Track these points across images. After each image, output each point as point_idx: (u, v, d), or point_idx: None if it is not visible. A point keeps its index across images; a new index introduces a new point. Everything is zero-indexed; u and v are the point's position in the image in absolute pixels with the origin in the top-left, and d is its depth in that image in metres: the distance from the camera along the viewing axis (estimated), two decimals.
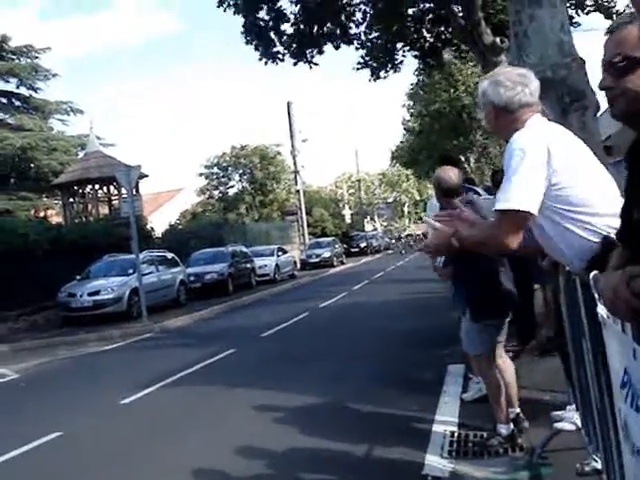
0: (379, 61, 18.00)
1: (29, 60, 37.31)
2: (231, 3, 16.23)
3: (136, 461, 6.01)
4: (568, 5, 13.83)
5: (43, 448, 6.67)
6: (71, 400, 9.10)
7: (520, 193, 2.89)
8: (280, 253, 33.22)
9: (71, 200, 30.52)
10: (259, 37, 16.91)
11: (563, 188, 2.91)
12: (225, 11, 16.33)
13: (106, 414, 7.94)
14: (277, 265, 31.67)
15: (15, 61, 36.83)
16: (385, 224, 77.16)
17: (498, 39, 13.98)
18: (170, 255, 23.29)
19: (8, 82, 36.55)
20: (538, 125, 3.13)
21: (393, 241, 63.80)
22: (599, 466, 3.59)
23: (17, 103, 37.58)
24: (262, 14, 16.68)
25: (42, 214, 36.56)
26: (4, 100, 37.30)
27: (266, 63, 17.37)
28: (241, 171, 53.63)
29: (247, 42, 16.99)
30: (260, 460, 5.53)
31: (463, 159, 37.87)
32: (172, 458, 5.93)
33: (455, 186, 5.19)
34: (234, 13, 16.35)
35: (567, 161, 2.93)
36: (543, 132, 3.04)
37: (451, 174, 5.24)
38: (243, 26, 16.71)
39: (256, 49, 17.11)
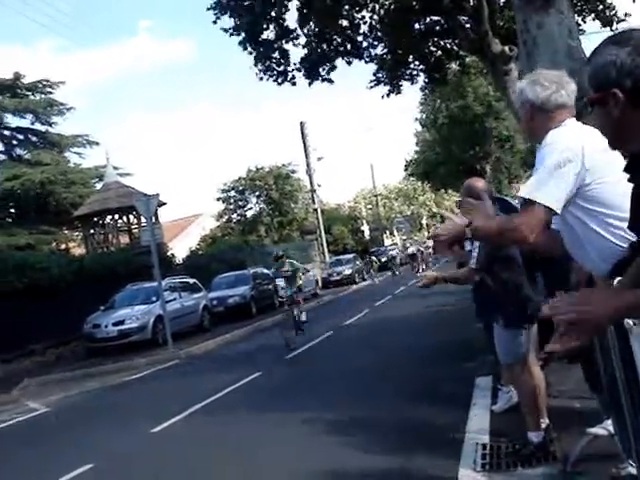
0: (392, 74, 17.99)
1: (44, 95, 37.71)
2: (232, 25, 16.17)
3: None
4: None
5: None
6: (101, 431, 9.14)
7: (549, 189, 2.86)
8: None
9: (92, 231, 30.75)
10: (267, 57, 16.90)
11: (595, 188, 2.88)
12: (231, 35, 16.28)
13: (136, 444, 7.96)
14: None
15: (30, 97, 37.23)
16: (404, 238, 76.88)
17: (507, 48, 13.99)
18: (192, 281, 23.35)
19: (24, 118, 36.98)
20: (574, 126, 3.12)
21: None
22: (635, 471, 3.54)
23: (34, 139, 37.92)
24: (269, 34, 16.68)
25: (63, 246, 36.87)
26: (21, 136, 37.70)
27: (280, 83, 17.37)
28: (258, 193, 53.69)
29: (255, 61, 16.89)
30: None
31: (479, 168, 37.89)
32: None
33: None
34: (231, 32, 16.21)
35: (601, 161, 2.89)
36: (579, 132, 3.03)
37: (481, 184, 5.25)
38: (243, 42, 16.48)
39: (265, 71, 17.14)
